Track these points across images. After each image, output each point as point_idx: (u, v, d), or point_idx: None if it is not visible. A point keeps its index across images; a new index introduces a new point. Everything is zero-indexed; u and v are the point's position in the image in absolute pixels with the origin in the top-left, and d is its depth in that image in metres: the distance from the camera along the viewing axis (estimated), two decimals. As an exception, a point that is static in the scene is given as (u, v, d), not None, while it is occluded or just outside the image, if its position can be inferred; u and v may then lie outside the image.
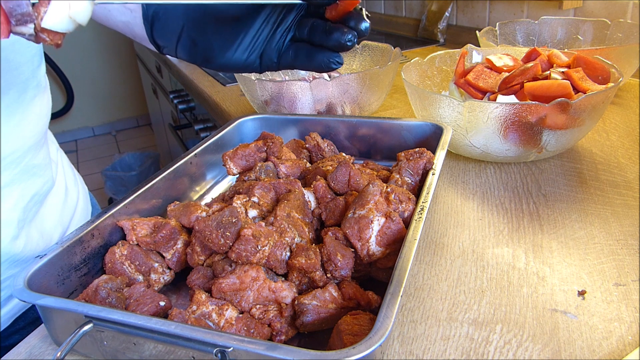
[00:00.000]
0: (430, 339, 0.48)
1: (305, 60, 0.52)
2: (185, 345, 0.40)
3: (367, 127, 0.77)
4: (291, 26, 0.53)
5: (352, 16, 0.49)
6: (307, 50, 0.52)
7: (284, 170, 0.66)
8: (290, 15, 0.53)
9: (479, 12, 1.51)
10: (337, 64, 0.52)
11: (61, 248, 0.52)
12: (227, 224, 0.51)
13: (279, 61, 0.54)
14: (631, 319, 0.48)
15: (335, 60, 0.51)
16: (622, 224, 0.61)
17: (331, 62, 0.51)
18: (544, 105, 0.66)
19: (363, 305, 0.48)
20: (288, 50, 0.53)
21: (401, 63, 1.01)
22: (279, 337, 0.47)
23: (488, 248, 0.59)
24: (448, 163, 0.80)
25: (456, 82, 0.85)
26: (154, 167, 3.13)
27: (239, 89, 1.30)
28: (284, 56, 0.54)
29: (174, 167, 0.68)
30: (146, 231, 0.58)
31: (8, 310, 0.66)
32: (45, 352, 0.50)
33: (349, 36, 0.49)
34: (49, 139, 0.72)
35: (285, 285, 0.49)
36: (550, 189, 0.70)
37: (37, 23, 0.36)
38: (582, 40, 1.09)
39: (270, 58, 0.54)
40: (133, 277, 0.55)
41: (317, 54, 0.51)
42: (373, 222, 0.52)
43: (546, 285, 0.53)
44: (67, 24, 0.38)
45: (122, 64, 3.96)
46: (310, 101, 0.91)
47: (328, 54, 0.51)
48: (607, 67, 0.77)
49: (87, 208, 0.81)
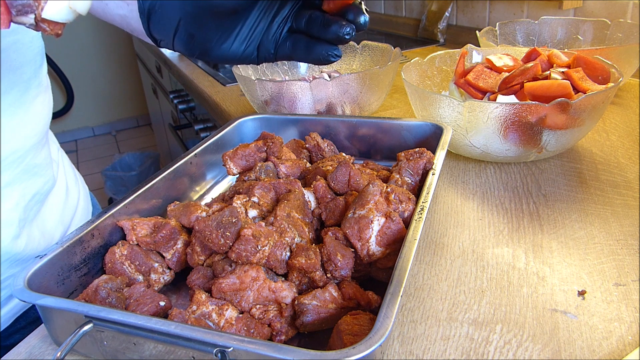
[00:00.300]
0: (430, 339, 0.48)
1: (304, 53, 0.52)
2: (185, 345, 0.40)
3: (367, 127, 0.77)
4: (288, 17, 0.52)
5: (350, 9, 0.49)
6: (305, 43, 0.51)
7: (284, 170, 0.66)
8: (286, 6, 0.52)
9: (479, 12, 1.51)
10: (336, 57, 0.51)
11: (61, 248, 0.52)
12: (227, 224, 0.51)
13: (276, 52, 0.53)
14: (631, 319, 0.48)
15: (333, 53, 0.51)
16: (622, 224, 0.61)
17: (330, 55, 0.51)
18: (544, 105, 0.66)
19: (363, 305, 0.48)
20: (285, 42, 0.52)
21: (401, 63, 1.01)
22: (279, 337, 0.47)
23: (488, 248, 0.59)
24: (448, 163, 0.80)
25: (456, 82, 0.85)
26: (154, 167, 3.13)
27: (239, 89, 1.30)
28: (282, 47, 0.53)
29: (174, 167, 0.68)
30: (146, 231, 0.58)
31: (9, 309, 0.66)
32: (45, 352, 0.50)
33: (347, 29, 0.48)
34: (50, 139, 0.72)
35: (285, 285, 0.49)
36: (550, 189, 0.70)
37: (37, 13, 0.36)
38: (582, 40, 1.09)
39: (267, 49, 0.53)
40: (133, 277, 0.55)
41: (316, 47, 0.51)
42: (373, 222, 0.52)
43: (546, 285, 0.53)
44: (66, 14, 0.38)
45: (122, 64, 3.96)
46: (310, 101, 0.91)
47: (326, 47, 0.50)
48: (607, 67, 0.77)
49: (87, 208, 0.81)
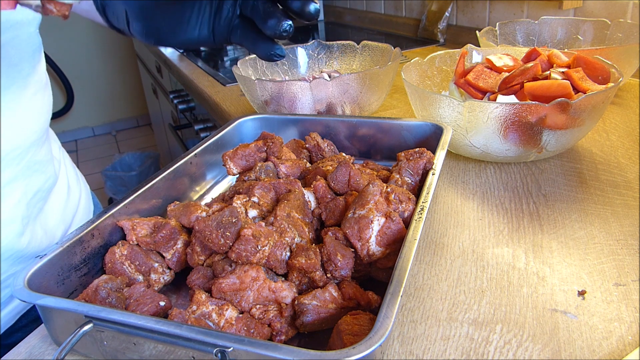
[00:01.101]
0: (430, 339, 0.48)
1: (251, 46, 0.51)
2: (185, 345, 0.40)
3: (367, 127, 0.77)
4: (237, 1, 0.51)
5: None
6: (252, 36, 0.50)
7: (284, 170, 0.66)
8: None
9: (479, 12, 1.51)
10: (278, 57, 0.50)
11: (61, 248, 0.52)
12: (227, 224, 0.51)
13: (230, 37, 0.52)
14: (631, 319, 0.48)
15: (275, 53, 0.49)
16: (622, 224, 0.61)
17: (272, 54, 0.49)
18: (544, 105, 0.66)
19: (363, 305, 0.48)
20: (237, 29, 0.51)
21: (401, 63, 1.01)
22: (279, 337, 0.47)
23: (488, 248, 0.59)
24: (448, 163, 0.80)
25: (456, 82, 0.85)
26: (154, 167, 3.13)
27: (239, 89, 1.30)
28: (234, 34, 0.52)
29: (174, 167, 0.68)
30: (146, 231, 0.58)
31: (12, 308, 0.66)
32: (45, 352, 0.50)
33: (285, 26, 0.46)
34: (50, 137, 0.72)
35: (285, 285, 0.49)
36: (550, 189, 0.70)
37: None
38: (582, 40, 1.09)
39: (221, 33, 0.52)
40: (133, 277, 0.55)
41: (260, 43, 0.50)
42: (373, 222, 0.52)
43: (546, 285, 0.53)
44: None
45: (122, 64, 3.96)
46: (310, 101, 0.91)
47: (269, 45, 0.49)
48: (607, 67, 0.77)
49: (89, 206, 0.82)
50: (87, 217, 0.80)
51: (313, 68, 1.14)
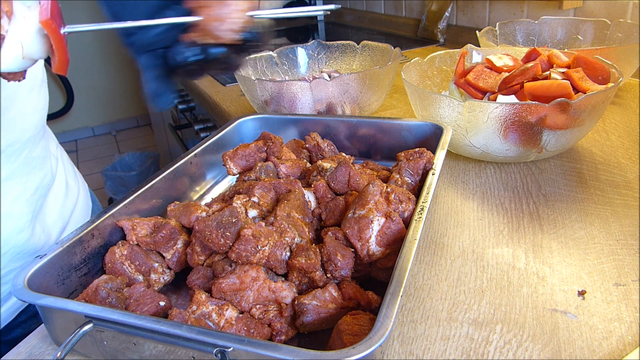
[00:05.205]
0: (430, 339, 0.48)
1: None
2: (185, 345, 0.40)
3: (367, 127, 0.77)
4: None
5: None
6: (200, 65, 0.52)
7: (284, 170, 0.66)
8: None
9: (479, 12, 1.51)
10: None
11: (61, 248, 0.52)
12: (227, 224, 0.51)
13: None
14: (631, 319, 0.48)
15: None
16: (622, 224, 0.61)
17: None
18: (544, 105, 0.66)
19: (363, 305, 0.48)
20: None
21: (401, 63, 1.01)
22: (279, 337, 0.47)
23: (488, 248, 0.59)
24: (448, 163, 0.80)
25: (456, 82, 0.85)
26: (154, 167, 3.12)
27: (239, 89, 1.30)
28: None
29: (174, 167, 0.68)
30: (146, 231, 0.58)
31: (11, 305, 0.66)
32: (45, 352, 0.50)
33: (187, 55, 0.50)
34: (48, 135, 0.72)
35: (285, 285, 0.49)
36: (550, 189, 0.70)
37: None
38: (582, 40, 1.09)
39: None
40: (133, 277, 0.55)
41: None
42: (373, 222, 0.52)
43: (546, 285, 0.53)
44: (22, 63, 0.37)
45: (122, 64, 3.96)
46: (310, 101, 0.91)
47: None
48: (607, 67, 0.77)
49: (87, 204, 0.82)
50: (85, 214, 0.80)
51: (313, 68, 1.14)
